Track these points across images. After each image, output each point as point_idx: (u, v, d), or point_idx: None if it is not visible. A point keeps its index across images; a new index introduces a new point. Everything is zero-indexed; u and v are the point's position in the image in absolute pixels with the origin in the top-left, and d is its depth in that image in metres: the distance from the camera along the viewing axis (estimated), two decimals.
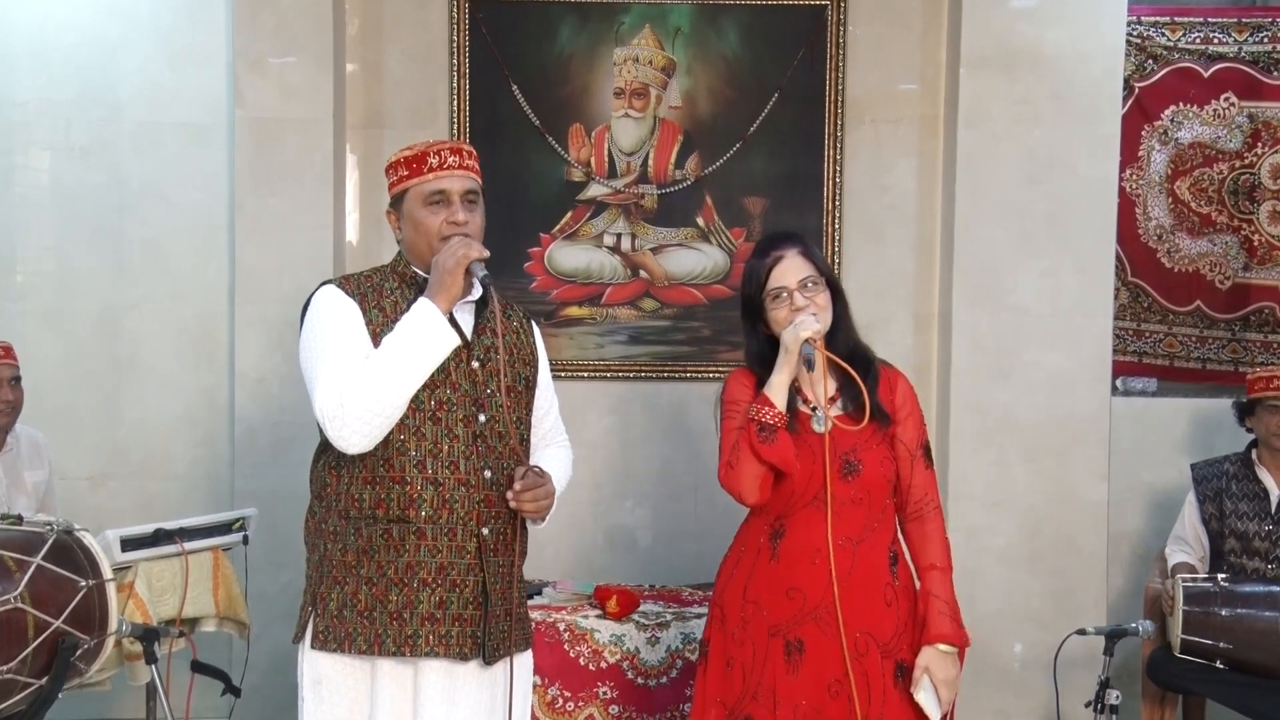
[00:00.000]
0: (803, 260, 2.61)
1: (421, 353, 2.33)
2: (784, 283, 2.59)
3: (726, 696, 2.63)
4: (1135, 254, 4.74)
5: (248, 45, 4.23)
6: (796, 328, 2.52)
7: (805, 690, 2.52)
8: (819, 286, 2.60)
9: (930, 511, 2.65)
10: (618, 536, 4.52)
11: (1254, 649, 3.46)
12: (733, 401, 2.67)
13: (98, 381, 4.42)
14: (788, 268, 2.60)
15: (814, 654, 2.53)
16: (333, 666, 2.42)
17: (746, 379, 2.68)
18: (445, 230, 2.42)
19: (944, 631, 2.55)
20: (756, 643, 2.58)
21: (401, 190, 2.46)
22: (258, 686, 3.96)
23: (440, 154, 2.43)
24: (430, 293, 2.37)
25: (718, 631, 2.69)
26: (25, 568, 2.64)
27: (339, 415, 2.30)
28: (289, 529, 2.88)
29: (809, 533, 2.55)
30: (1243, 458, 3.93)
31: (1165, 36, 4.69)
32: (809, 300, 2.57)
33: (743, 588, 2.63)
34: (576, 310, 4.49)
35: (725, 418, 2.68)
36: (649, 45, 4.44)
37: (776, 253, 2.62)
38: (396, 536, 2.37)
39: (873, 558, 2.58)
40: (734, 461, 2.56)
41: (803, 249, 2.63)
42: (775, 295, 2.60)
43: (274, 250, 4.23)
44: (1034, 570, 4.27)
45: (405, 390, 2.33)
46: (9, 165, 4.43)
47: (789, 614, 2.55)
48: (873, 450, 2.58)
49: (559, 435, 2.73)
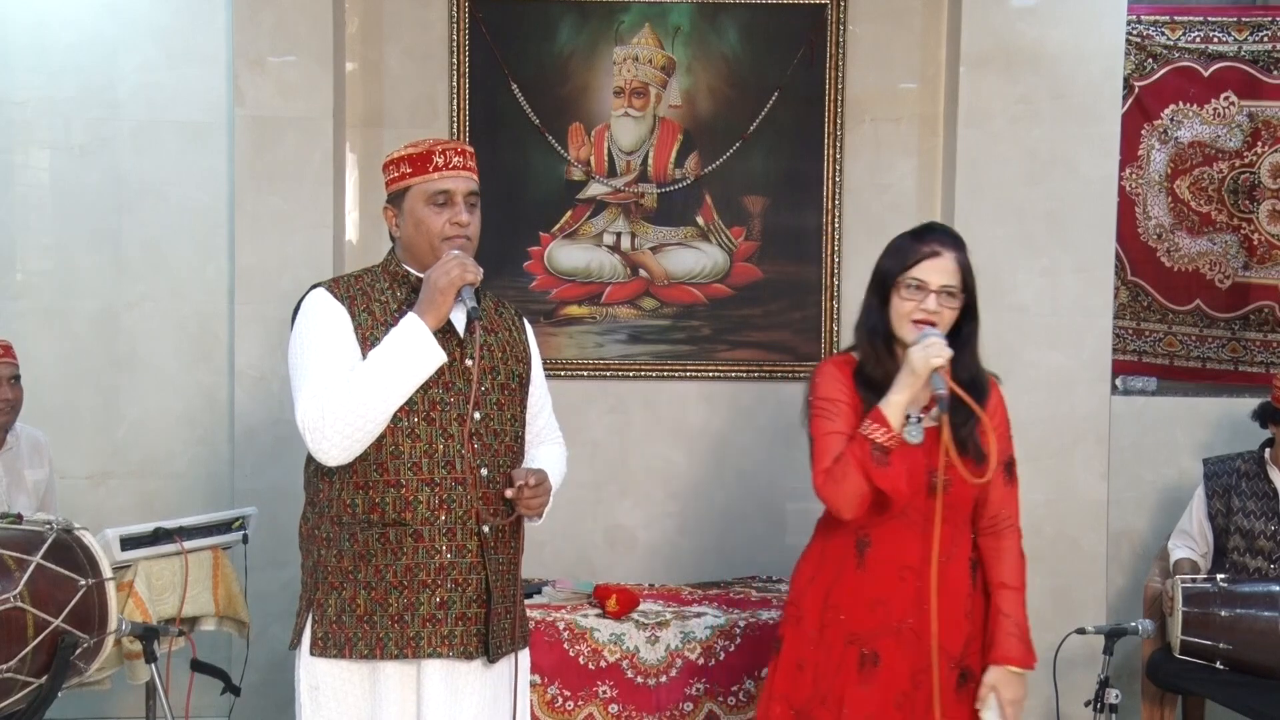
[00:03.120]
0: (955, 267, 2.50)
1: (407, 370, 2.32)
2: (927, 278, 2.49)
3: (794, 697, 2.60)
4: (1135, 253, 4.73)
5: (247, 44, 4.23)
6: (927, 350, 2.38)
7: (873, 702, 2.50)
8: (955, 300, 2.50)
9: (1007, 528, 2.62)
10: (617, 535, 4.52)
11: (1253, 649, 3.46)
12: (828, 399, 2.54)
13: (97, 380, 4.42)
14: (939, 266, 2.49)
15: (887, 667, 2.51)
16: (330, 672, 2.41)
17: (841, 372, 2.57)
18: (448, 231, 2.42)
19: (1013, 654, 2.54)
20: (831, 649, 2.56)
21: (404, 187, 2.45)
22: (257, 685, 3.96)
23: (445, 154, 2.43)
24: (419, 309, 2.36)
25: (793, 631, 2.65)
26: (25, 566, 2.64)
27: (319, 428, 2.30)
28: (288, 528, 2.87)
29: (899, 547, 2.50)
30: (1256, 456, 3.93)
31: (1165, 35, 4.68)
32: (940, 309, 2.47)
33: (825, 593, 2.58)
34: (576, 309, 4.49)
35: (818, 416, 2.55)
36: (649, 44, 4.44)
37: (937, 246, 2.52)
38: (394, 540, 2.37)
39: (957, 573, 2.56)
40: (838, 475, 2.46)
41: (961, 256, 2.52)
42: (913, 285, 2.49)
43: (274, 249, 4.23)
44: (1034, 569, 4.18)
45: (388, 406, 2.32)
46: (8, 164, 4.42)
47: (870, 626, 2.52)
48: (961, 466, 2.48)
49: (552, 433, 2.73)
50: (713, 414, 4.48)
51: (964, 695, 2.57)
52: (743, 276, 4.47)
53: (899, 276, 2.51)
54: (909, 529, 2.50)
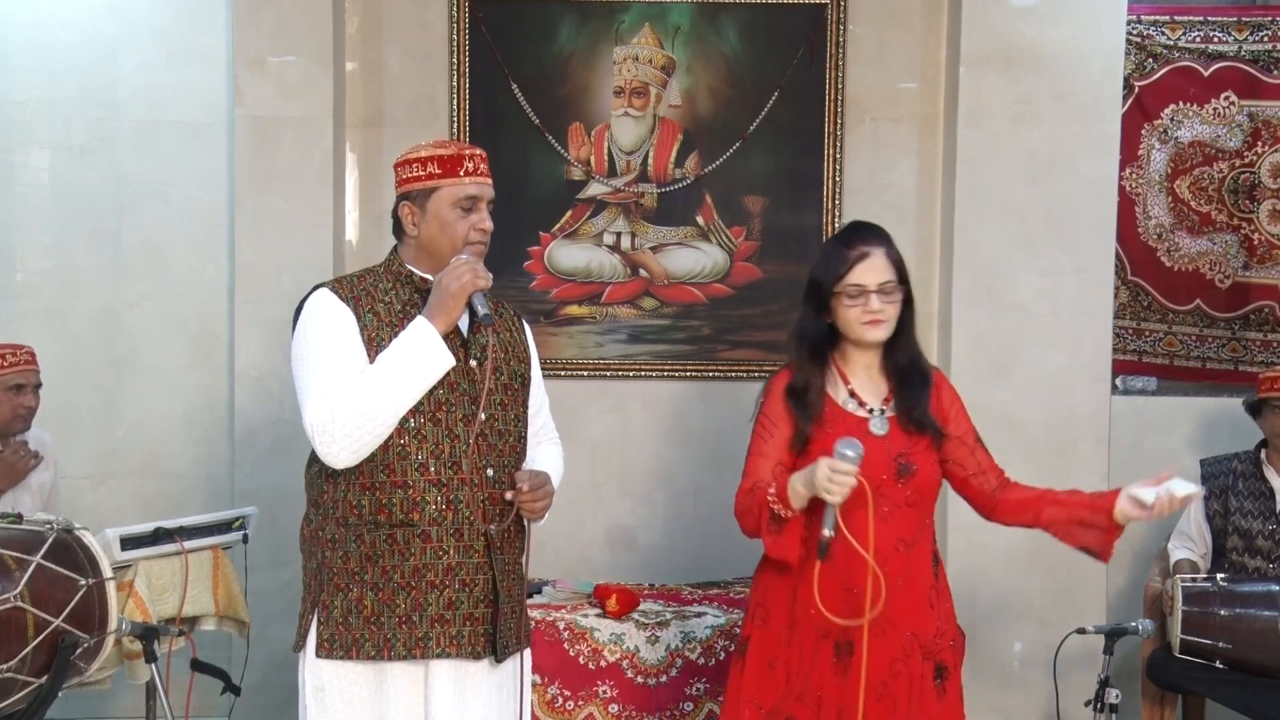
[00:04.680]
0: (887, 262, 2.54)
1: (416, 374, 2.32)
2: (864, 280, 2.51)
3: (766, 697, 2.60)
4: (1135, 253, 4.73)
5: (247, 44, 4.23)
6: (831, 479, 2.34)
7: (851, 692, 2.50)
8: (896, 292, 2.55)
9: (1004, 482, 2.68)
10: (617, 535, 4.52)
11: (1253, 648, 3.46)
12: (770, 420, 2.59)
13: (97, 380, 4.42)
14: (873, 266, 2.52)
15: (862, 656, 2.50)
16: (336, 673, 2.41)
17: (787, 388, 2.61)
18: (473, 236, 2.43)
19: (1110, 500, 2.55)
20: (805, 645, 2.56)
21: (430, 187, 2.43)
22: (257, 685, 3.96)
23: (474, 159, 2.44)
24: (429, 313, 2.36)
25: (760, 631, 2.64)
26: (25, 566, 2.64)
27: (329, 430, 2.30)
28: (289, 528, 2.87)
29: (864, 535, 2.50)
30: (1251, 456, 3.93)
31: (1165, 35, 4.68)
32: (884, 306, 2.51)
33: (792, 589, 2.58)
34: (576, 309, 4.49)
35: (757, 435, 2.61)
36: (649, 44, 4.44)
37: (865, 248, 2.54)
38: (401, 541, 2.37)
39: (922, 560, 2.58)
40: (742, 509, 2.55)
41: (889, 250, 2.56)
42: (853, 293, 2.53)
43: (273, 249, 4.23)
44: (1034, 569, 4.26)
45: (397, 409, 2.33)
46: (8, 164, 4.42)
47: (844, 615, 2.50)
48: (926, 454, 2.57)
49: (550, 433, 2.74)
50: (713, 414, 4.47)
51: (942, 693, 2.57)
52: (743, 276, 4.47)
53: (836, 286, 2.55)
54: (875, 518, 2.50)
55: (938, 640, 2.58)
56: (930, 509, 2.62)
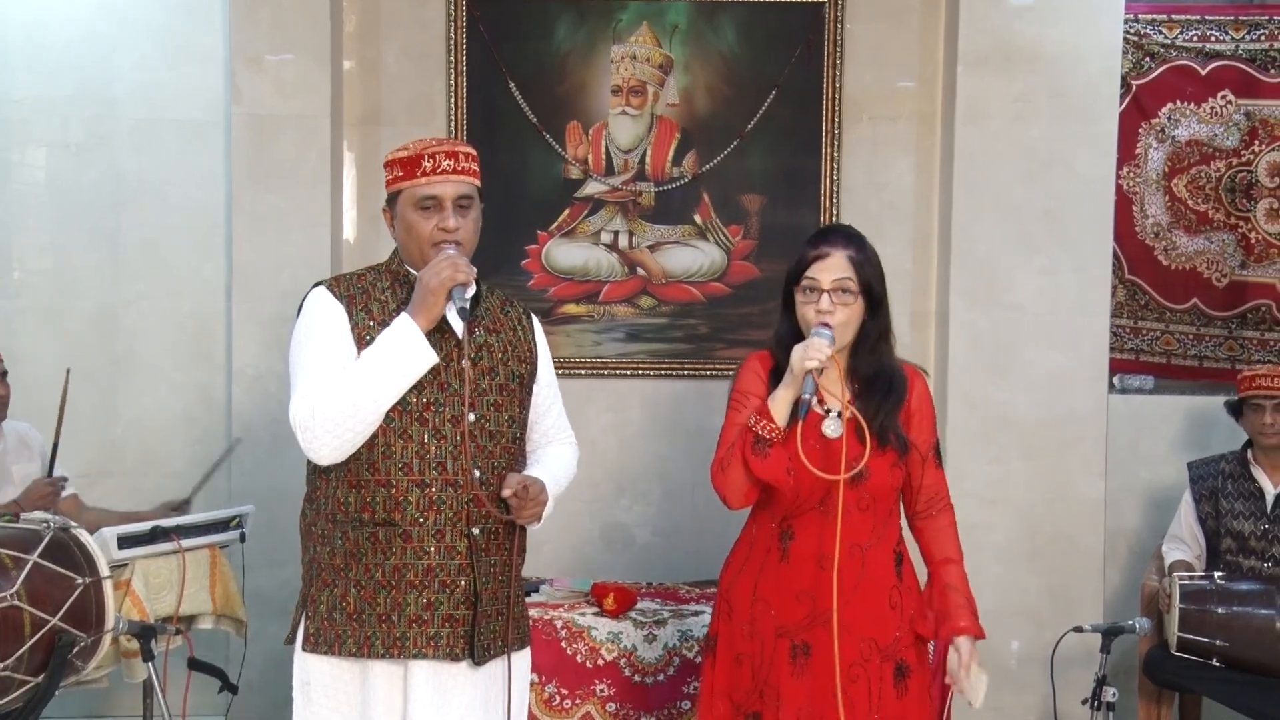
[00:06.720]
0: (846, 264, 2.53)
1: (397, 370, 2.32)
2: (818, 277, 2.53)
3: (735, 691, 2.62)
4: (1132, 252, 4.74)
5: (245, 42, 4.23)
6: (806, 350, 2.43)
7: (809, 693, 2.52)
8: (851, 296, 2.53)
9: (941, 508, 2.66)
10: (615, 534, 4.52)
11: (1250, 646, 3.46)
12: (743, 393, 2.61)
13: (95, 379, 4.41)
14: (828, 265, 2.53)
15: (820, 658, 2.52)
16: (322, 668, 2.42)
17: (762, 368, 2.63)
18: (436, 236, 2.41)
19: (969, 625, 2.58)
20: (765, 641, 2.57)
21: (396, 190, 2.45)
22: (254, 684, 3.96)
23: (434, 157, 2.41)
24: (412, 310, 2.36)
25: (725, 625, 2.66)
26: (22, 565, 2.64)
27: (310, 426, 2.30)
28: (286, 526, 2.88)
29: (819, 538, 2.53)
30: (1238, 456, 3.94)
31: (1162, 34, 4.69)
32: (834, 307, 2.51)
33: (753, 585, 2.60)
34: (574, 308, 4.49)
35: (731, 408, 2.62)
36: (646, 42, 4.44)
37: (825, 248, 2.55)
38: (383, 540, 2.37)
39: (880, 562, 2.58)
40: (725, 464, 2.54)
41: (853, 254, 2.54)
42: (807, 289, 2.54)
43: (271, 247, 4.23)
44: (1031, 567, 4.27)
45: (379, 406, 2.32)
46: (5, 162, 4.42)
47: (799, 618, 2.54)
48: (881, 457, 2.55)
49: (562, 433, 2.72)
50: (710, 412, 4.46)
51: (903, 692, 2.57)
52: (740, 275, 4.47)
53: (796, 282, 2.58)
54: (828, 519, 2.51)
55: (897, 642, 2.57)
56: (887, 512, 2.60)
